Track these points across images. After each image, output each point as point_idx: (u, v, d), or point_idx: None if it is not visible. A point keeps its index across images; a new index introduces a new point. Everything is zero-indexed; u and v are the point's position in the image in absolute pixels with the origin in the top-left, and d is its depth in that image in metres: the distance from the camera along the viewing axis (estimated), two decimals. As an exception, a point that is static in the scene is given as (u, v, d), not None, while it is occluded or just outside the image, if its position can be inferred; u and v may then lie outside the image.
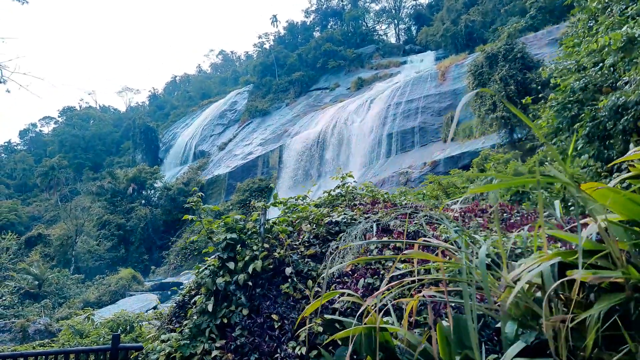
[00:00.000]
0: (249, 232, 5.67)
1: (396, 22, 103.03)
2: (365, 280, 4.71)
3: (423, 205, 7.37)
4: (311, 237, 5.93)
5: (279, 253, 5.40)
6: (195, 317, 5.17)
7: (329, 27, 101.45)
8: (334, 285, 4.95)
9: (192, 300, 5.59)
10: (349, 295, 3.48)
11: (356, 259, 2.97)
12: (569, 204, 9.38)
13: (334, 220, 5.96)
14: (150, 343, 5.51)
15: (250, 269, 5.15)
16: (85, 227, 51.15)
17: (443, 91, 50.93)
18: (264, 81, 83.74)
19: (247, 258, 5.35)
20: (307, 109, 69.83)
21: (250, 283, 5.20)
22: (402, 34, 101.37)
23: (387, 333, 3.21)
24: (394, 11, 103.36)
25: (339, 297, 4.46)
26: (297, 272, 5.25)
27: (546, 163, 12.92)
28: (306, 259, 5.46)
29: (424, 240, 3.07)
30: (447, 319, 3.33)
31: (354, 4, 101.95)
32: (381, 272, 4.85)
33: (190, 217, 5.96)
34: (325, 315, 3.93)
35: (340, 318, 3.57)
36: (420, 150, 45.97)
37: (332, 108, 60.59)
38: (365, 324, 3.17)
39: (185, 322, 5.27)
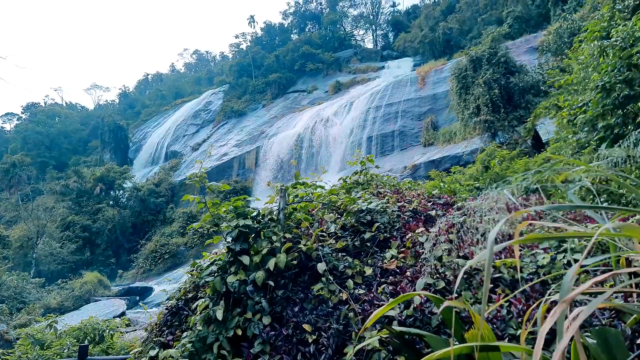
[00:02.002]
0: (265, 220, 4.49)
1: (374, 27, 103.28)
2: (424, 281, 3.60)
3: (455, 197, 6.33)
4: (337, 227, 4.79)
5: (305, 245, 4.23)
6: (198, 328, 3.94)
7: (306, 30, 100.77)
8: (382, 286, 3.82)
9: (194, 305, 4.34)
10: (433, 297, 2.37)
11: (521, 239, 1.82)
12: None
13: (364, 208, 4.83)
14: (135, 361, 4.29)
15: (270, 265, 3.97)
16: (47, 228, 48.43)
17: (423, 95, 50.72)
18: (240, 82, 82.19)
19: (264, 251, 4.17)
20: (284, 111, 68.73)
21: (271, 283, 4.01)
22: (380, 39, 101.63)
23: (499, 354, 2.11)
24: (371, 17, 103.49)
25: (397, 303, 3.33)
26: (329, 270, 4.10)
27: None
28: (338, 254, 4.32)
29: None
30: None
31: (333, 8, 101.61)
32: (442, 271, 3.75)
33: (191, 197, 4.73)
34: (392, 326, 2.80)
35: (417, 330, 2.45)
36: (400, 153, 45.52)
37: (311, 110, 59.67)
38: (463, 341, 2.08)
39: (184, 334, 4.03)
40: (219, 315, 3.75)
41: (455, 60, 54.09)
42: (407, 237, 4.44)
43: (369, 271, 4.03)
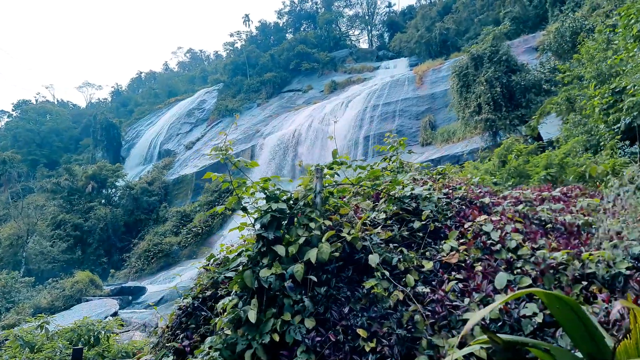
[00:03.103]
0: (299, 204, 3.83)
1: (369, 28, 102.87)
2: (505, 277, 2.97)
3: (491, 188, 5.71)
4: (378, 215, 4.15)
5: (349, 234, 3.59)
6: (226, 332, 3.29)
7: (302, 29, 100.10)
8: (451, 283, 3.18)
9: (217, 305, 3.67)
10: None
11: None
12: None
13: (408, 193, 4.20)
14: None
15: (311, 257, 3.33)
16: (38, 226, 47.41)
17: (421, 95, 50.27)
18: (235, 80, 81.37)
19: (300, 240, 3.52)
20: (279, 110, 68.06)
21: (313, 278, 3.36)
22: (375, 40, 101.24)
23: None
24: (367, 17, 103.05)
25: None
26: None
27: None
28: (388, 245, 3.68)
29: None
30: None
31: (328, 8, 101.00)
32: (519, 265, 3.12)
33: (215, 174, 4.07)
34: (495, 334, 2.17)
35: (534, 340, 1.82)
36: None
37: (307, 109, 59.03)
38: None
39: (207, 340, 3.37)
40: (252, 316, 3.11)
41: (453, 59, 53.78)
42: (463, 226, 3.82)
43: (428, 265, 3.41)
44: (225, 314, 3.45)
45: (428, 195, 4.17)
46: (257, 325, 3.25)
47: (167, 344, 3.82)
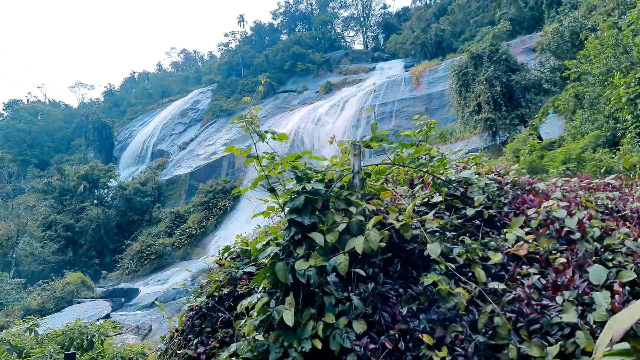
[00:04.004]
0: (335, 186, 3.28)
1: (364, 29, 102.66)
2: (598, 272, 2.43)
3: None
4: (430, 199, 3.60)
5: (398, 221, 3.04)
6: (257, 337, 2.73)
7: (296, 30, 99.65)
8: (532, 278, 2.65)
9: (243, 304, 3.10)
10: None
11: None
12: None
13: (453, 177, 3.66)
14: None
15: (356, 247, 2.78)
16: (28, 227, 46.54)
17: (417, 95, 49.93)
18: (229, 81, 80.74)
19: (339, 227, 2.98)
20: (274, 110, 67.51)
21: (360, 272, 2.82)
22: (370, 41, 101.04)
23: None
24: (362, 18, 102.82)
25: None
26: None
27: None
28: (445, 233, 3.14)
29: None
30: None
31: (323, 9, 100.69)
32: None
33: (238, 148, 3.50)
34: None
35: None
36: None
37: (303, 109, 58.52)
38: None
39: (232, 346, 2.81)
40: (288, 318, 2.56)
41: (449, 60, 53.51)
42: (523, 213, 3.29)
43: (496, 257, 2.87)
44: (254, 315, 2.89)
45: (476, 180, 3.64)
46: (293, 328, 2.70)
47: (178, 351, 3.25)
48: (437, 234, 3.05)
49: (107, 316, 27.29)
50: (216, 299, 3.54)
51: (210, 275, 3.91)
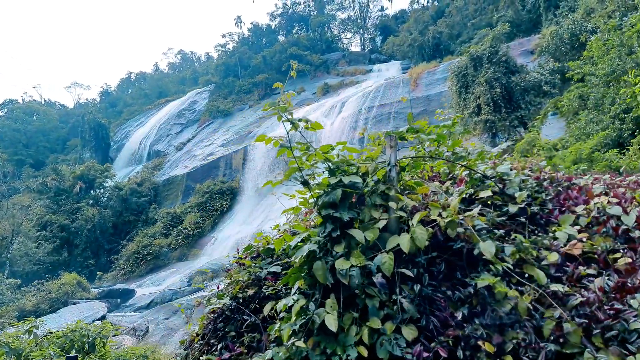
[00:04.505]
0: (371, 179, 3.06)
1: (362, 31, 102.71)
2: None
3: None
4: (477, 194, 3.37)
5: (442, 218, 2.82)
6: (297, 344, 2.50)
7: (294, 32, 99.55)
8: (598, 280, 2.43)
9: (279, 306, 2.87)
10: None
11: None
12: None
13: (488, 173, 3.44)
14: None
15: (402, 245, 2.57)
16: (23, 227, 46.04)
17: (416, 97, 49.78)
18: (226, 82, 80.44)
19: (379, 224, 2.76)
20: (271, 111, 67.22)
21: (407, 272, 2.60)
22: (368, 43, 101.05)
23: None
24: (359, 20, 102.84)
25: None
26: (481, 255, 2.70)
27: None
28: (491, 231, 2.92)
29: None
30: None
31: (320, 11, 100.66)
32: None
33: (270, 137, 3.26)
34: None
35: None
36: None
37: (301, 110, 58.25)
38: None
39: (267, 353, 2.58)
40: (331, 323, 2.34)
41: (447, 62, 53.49)
42: (569, 210, 3.08)
43: (552, 257, 2.66)
44: (292, 318, 2.65)
45: (514, 176, 3.43)
46: (335, 334, 2.48)
47: (200, 357, 3.02)
48: (484, 231, 2.84)
49: (103, 317, 27.01)
50: (240, 300, 3.31)
51: (229, 275, 3.68)
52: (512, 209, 3.10)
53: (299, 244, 2.86)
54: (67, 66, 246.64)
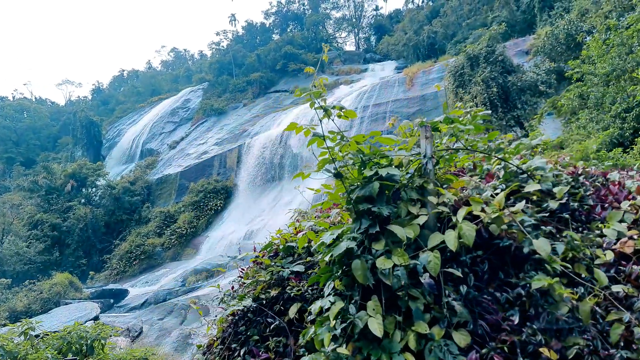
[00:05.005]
0: (407, 172, 2.86)
1: (356, 31, 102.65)
2: None
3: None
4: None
5: (486, 214, 2.62)
6: (339, 350, 2.28)
7: (288, 30, 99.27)
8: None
9: (313, 308, 2.66)
10: None
11: None
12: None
13: (521, 167, 3.25)
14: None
15: (449, 242, 2.37)
16: (13, 226, 45.47)
17: (411, 96, 49.70)
18: (220, 80, 79.95)
19: (419, 220, 2.56)
20: (266, 110, 66.96)
21: (457, 273, 2.40)
22: (362, 42, 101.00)
23: None
24: (354, 20, 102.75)
25: None
26: (528, 253, 2.51)
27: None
28: (539, 228, 2.73)
29: None
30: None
31: (315, 10, 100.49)
32: None
33: (299, 125, 3.05)
34: None
35: None
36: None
37: (296, 109, 58.02)
38: None
39: None
40: (376, 327, 2.13)
41: (443, 62, 53.51)
42: (612, 206, 2.91)
43: (605, 256, 2.47)
44: (332, 322, 2.44)
45: (549, 170, 3.24)
46: (377, 339, 2.27)
47: (223, 365, 2.80)
48: (530, 228, 2.65)
49: (96, 318, 26.60)
50: (263, 302, 3.10)
51: (245, 275, 3.46)
52: (553, 204, 2.91)
53: (335, 241, 2.65)
54: (58, 63, 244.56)
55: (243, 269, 3.81)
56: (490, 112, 3.11)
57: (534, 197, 3.07)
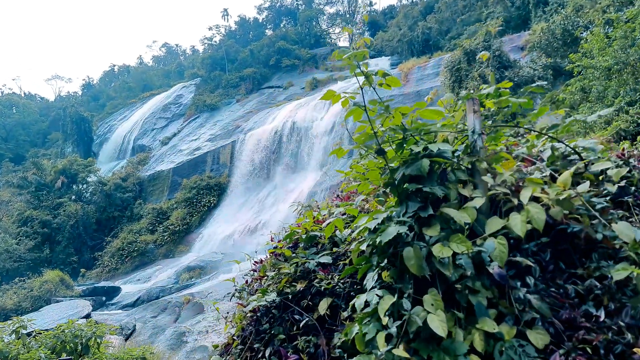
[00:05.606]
0: (455, 149, 2.53)
1: (350, 26, 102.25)
2: None
3: None
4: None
5: (549, 197, 2.30)
6: (395, 352, 1.96)
7: (282, 26, 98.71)
8: None
9: (357, 303, 2.33)
10: None
11: None
12: None
13: (565, 150, 2.94)
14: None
15: (515, 227, 2.06)
16: (3, 223, 44.73)
17: (406, 92, 49.43)
18: (213, 75, 79.19)
19: (476, 203, 2.25)
20: (259, 106, 66.42)
21: (528, 261, 2.09)
22: (357, 38, 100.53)
23: None
24: (348, 15, 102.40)
25: None
26: (592, 241, 2.21)
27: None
28: (606, 212, 2.43)
29: None
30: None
31: (308, 5, 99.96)
32: None
33: (339, 93, 2.71)
34: None
35: None
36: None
37: (290, 104, 57.59)
38: None
39: None
40: (438, 326, 1.81)
41: (438, 57, 53.38)
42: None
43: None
44: (384, 320, 2.11)
45: (599, 152, 2.94)
46: (437, 339, 1.96)
47: (243, 365, 2.47)
48: (599, 212, 2.34)
49: (88, 316, 26.12)
50: (289, 297, 2.77)
51: (262, 268, 3.13)
52: (611, 188, 2.61)
53: (382, 226, 2.32)
54: (47, 58, 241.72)
55: (256, 262, 3.49)
56: (544, 83, 2.79)
57: (585, 181, 2.76)
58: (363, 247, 2.35)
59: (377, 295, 2.19)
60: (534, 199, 2.33)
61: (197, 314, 23.02)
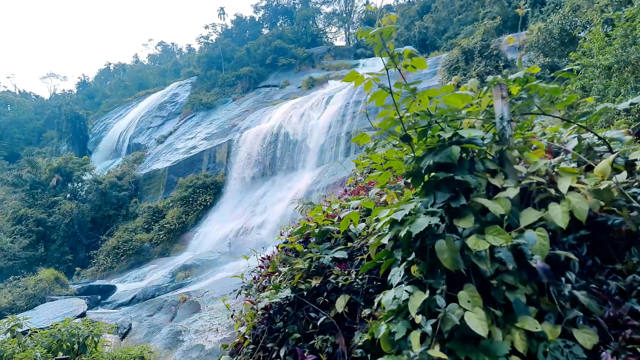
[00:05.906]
0: (483, 137, 2.39)
1: (347, 26, 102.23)
2: None
3: None
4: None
5: (583, 185, 2.17)
6: (431, 353, 1.82)
7: (278, 25, 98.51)
8: None
9: (383, 300, 2.17)
10: None
11: None
12: None
13: (592, 138, 2.81)
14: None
15: (556, 218, 1.92)
16: (-4, 221, 44.33)
17: (404, 91, 49.40)
18: (209, 74, 78.90)
19: (510, 193, 2.11)
20: (256, 105, 66.19)
21: (571, 256, 1.95)
22: (353, 37, 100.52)
23: None
24: (344, 15, 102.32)
25: None
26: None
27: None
28: None
29: None
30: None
31: (305, 4, 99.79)
32: None
33: (362, 75, 2.55)
34: None
35: None
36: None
37: (287, 103, 57.41)
38: None
39: None
40: (477, 324, 1.66)
41: (435, 57, 53.35)
42: None
43: None
44: (418, 318, 1.96)
45: (627, 143, 2.81)
46: (474, 339, 1.81)
47: (254, 366, 2.31)
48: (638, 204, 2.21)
49: (83, 314, 25.90)
50: (304, 294, 2.61)
51: (272, 264, 2.98)
52: (642, 179, 2.48)
53: (411, 217, 2.16)
54: (42, 56, 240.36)
55: (264, 258, 3.33)
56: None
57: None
58: (384, 240, 2.21)
59: (406, 291, 2.04)
60: (570, 190, 2.20)
61: (194, 313, 22.81)
